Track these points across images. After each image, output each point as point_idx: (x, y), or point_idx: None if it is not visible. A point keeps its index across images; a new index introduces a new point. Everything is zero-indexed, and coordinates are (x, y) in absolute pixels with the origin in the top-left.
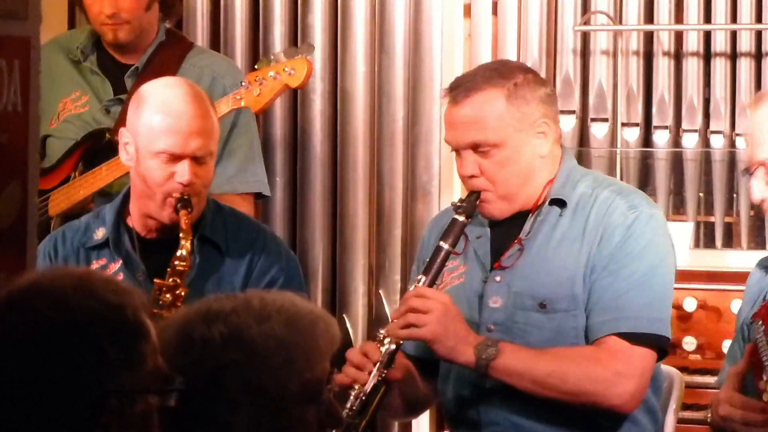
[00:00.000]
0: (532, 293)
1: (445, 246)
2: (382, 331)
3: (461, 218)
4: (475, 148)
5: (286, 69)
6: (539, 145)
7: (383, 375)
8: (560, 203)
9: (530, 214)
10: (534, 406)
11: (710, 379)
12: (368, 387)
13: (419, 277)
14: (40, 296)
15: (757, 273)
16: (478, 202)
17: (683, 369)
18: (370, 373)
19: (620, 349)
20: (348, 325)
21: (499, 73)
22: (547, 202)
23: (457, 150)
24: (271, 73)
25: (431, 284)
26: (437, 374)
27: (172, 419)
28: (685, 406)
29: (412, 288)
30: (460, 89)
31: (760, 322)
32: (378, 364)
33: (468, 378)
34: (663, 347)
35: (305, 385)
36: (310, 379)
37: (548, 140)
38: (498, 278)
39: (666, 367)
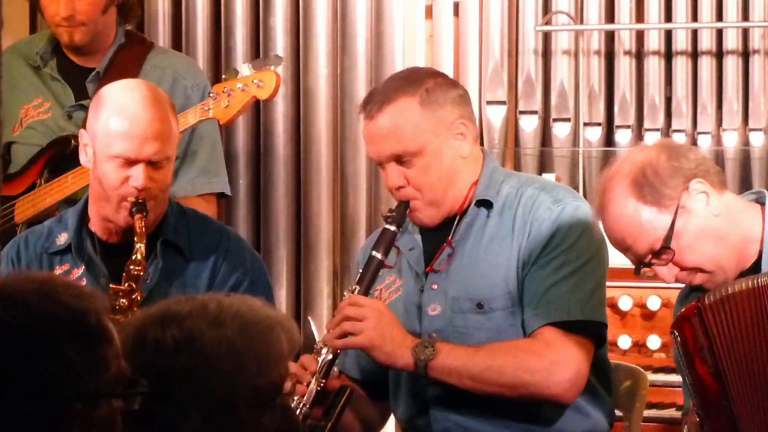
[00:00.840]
0: (468, 295)
1: (378, 255)
2: (318, 342)
3: (392, 228)
4: (398, 159)
5: (255, 81)
6: (459, 146)
7: (321, 385)
8: (486, 204)
9: (457, 219)
10: (483, 409)
11: (675, 378)
12: (307, 399)
13: (353, 287)
14: (2, 302)
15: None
16: (408, 212)
17: (648, 368)
18: (308, 384)
19: (555, 339)
20: (313, 326)
21: (409, 81)
22: (473, 204)
23: (380, 163)
24: (239, 85)
25: (366, 293)
26: (386, 395)
27: (125, 422)
28: (650, 405)
29: (349, 295)
30: (373, 103)
31: (676, 334)
32: (315, 375)
33: (416, 391)
34: (599, 334)
35: (258, 391)
36: (263, 385)
37: (468, 140)
38: (434, 286)
39: (630, 366)
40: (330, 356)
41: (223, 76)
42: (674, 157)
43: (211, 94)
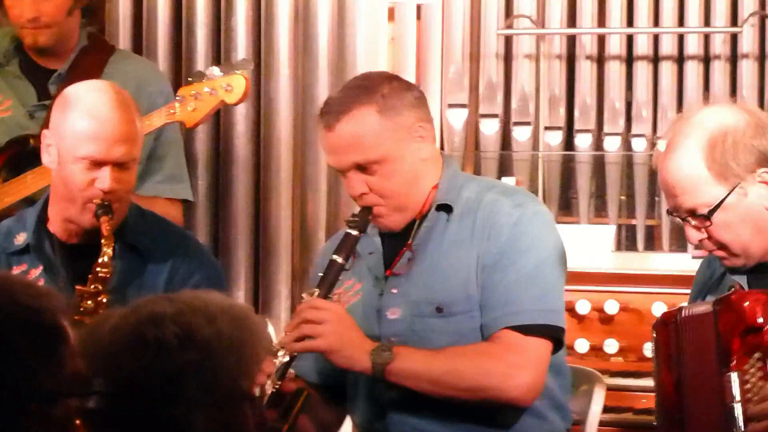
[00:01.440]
0: (428, 299)
1: (339, 259)
2: (276, 344)
3: (354, 232)
4: (359, 167)
5: (224, 85)
6: (419, 149)
7: (277, 387)
8: (447, 209)
9: (417, 223)
10: (441, 413)
11: (632, 382)
12: (263, 401)
13: (313, 290)
14: None
15: (702, 265)
16: (371, 217)
17: (605, 372)
18: (263, 386)
19: (513, 342)
20: (270, 328)
21: (365, 88)
22: (433, 208)
23: (341, 171)
24: (207, 89)
25: (325, 296)
26: (343, 399)
27: (131, 421)
28: (607, 409)
29: (307, 297)
30: (331, 114)
31: (654, 335)
32: (272, 377)
33: (374, 395)
34: (557, 338)
35: (251, 383)
36: (254, 377)
37: (427, 142)
38: (394, 290)
39: (587, 369)
40: (287, 358)
41: (189, 79)
42: (759, 134)
43: (177, 97)
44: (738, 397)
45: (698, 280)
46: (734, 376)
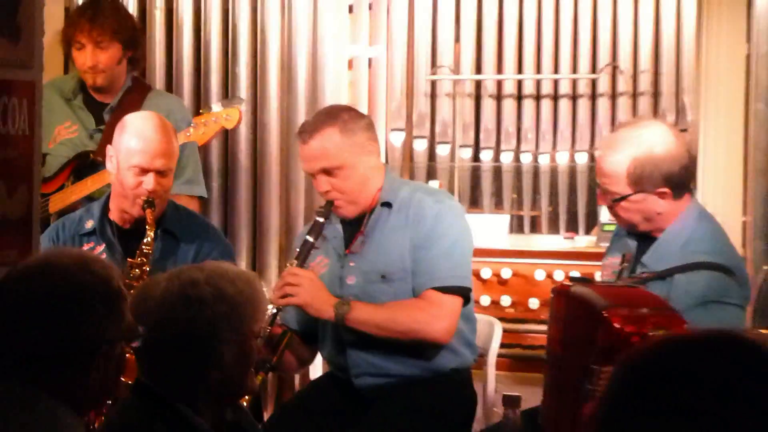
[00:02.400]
0: (375, 270)
1: (311, 239)
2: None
3: (321, 219)
4: (325, 171)
5: (224, 115)
6: (369, 160)
7: (268, 331)
8: (388, 205)
9: (367, 215)
10: (384, 349)
11: (520, 326)
12: (258, 341)
13: (292, 261)
14: (50, 269)
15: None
16: (333, 208)
17: (502, 319)
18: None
19: (435, 299)
20: (265, 289)
21: (331, 115)
22: (379, 204)
23: (312, 175)
24: (213, 118)
25: (301, 266)
26: (315, 340)
27: (181, 353)
28: (503, 345)
29: (288, 268)
30: (305, 132)
31: (552, 296)
32: (269, 318)
33: (337, 336)
34: (466, 295)
35: (259, 326)
36: (261, 322)
37: (375, 156)
38: (351, 263)
39: (489, 317)
40: (275, 310)
41: (201, 111)
42: (672, 160)
43: (192, 124)
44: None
45: (614, 233)
46: (596, 371)
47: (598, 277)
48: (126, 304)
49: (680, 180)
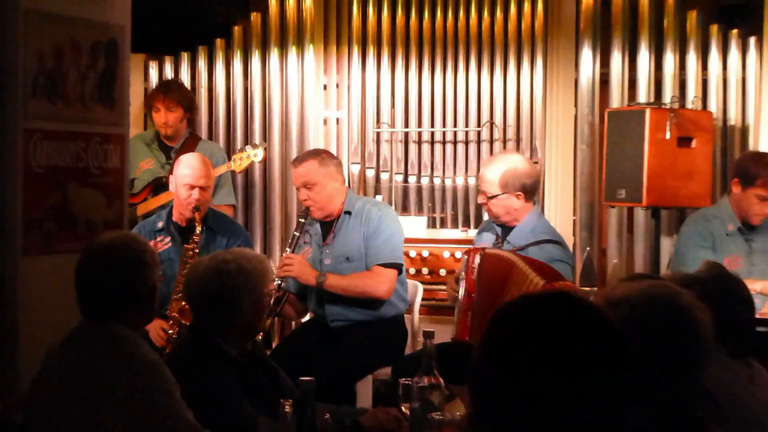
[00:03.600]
0: (342, 254)
1: (296, 233)
2: (273, 274)
3: (302, 220)
4: (305, 186)
5: (252, 153)
6: (334, 184)
7: (274, 293)
8: (349, 213)
9: (336, 220)
10: (348, 303)
11: (434, 287)
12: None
13: (286, 249)
14: (121, 243)
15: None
16: (309, 212)
17: (422, 282)
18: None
19: (379, 271)
20: (273, 267)
21: (314, 153)
22: (342, 213)
23: (298, 188)
24: (246, 155)
25: (293, 251)
26: (305, 298)
27: (216, 306)
28: (424, 299)
29: (285, 254)
30: (297, 161)
31: (466, 257)
32: (276, 287)
33: (319, 296)
34: (400, 268)
35: (268, 289)
36: (269, 286)
37: (338, 182)
38: (327, 251)
39: (414, 282)
40: (279, 280)
41: (239, 149)
42: (526, 175)
43: (231, 160)
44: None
45: (482, 226)
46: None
47: None
48: (157, 260)
49: (530, 189)
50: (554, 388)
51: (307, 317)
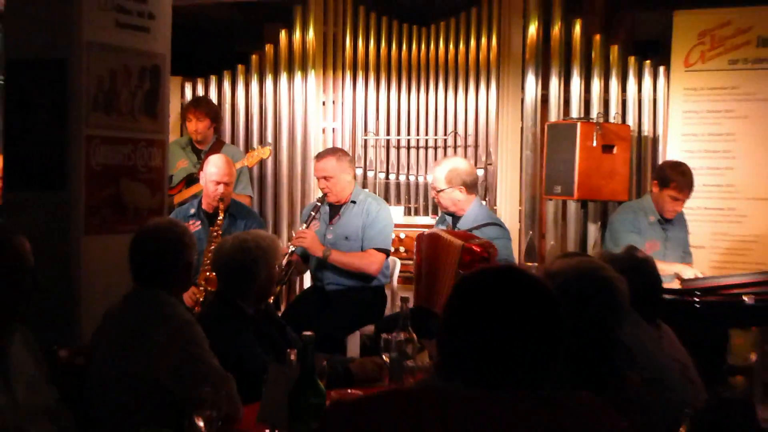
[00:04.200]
0: (343, 234)
1: (312, 213)
2: (288, 244)
3: (319, 203)
4: (325, 178)
5: (261, 150)
6: (347, 177)
7: (286, 258)
8: (354, 202)
9: (343, 205)
10: (346, 274)
11: (409, 262)
12: (284, 261)
13: (302, 225)
14: (166, 226)
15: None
16: (326, 198)
17: (400, 258)
18: (284, 256)
19: (372, 253)
20: (285, 240)
21: (333, 152)
22: (350, 201)
23: (318, 178)
24: (256, 153)
25: (307, 227)
26: (308, 261)
27: (238, 275)
28: (401, 271)
29: (299, 229)
30: (319, 156)
31: (418, 240)
32: (287, 254)
33: (318, 264)
34: (388, 252)
35: (281, 260)
36: (281, 258)
37: (350, 175)
38: (331, 228)
39: (393, 258)
40: (292, 247)
41: (252, 148)
42: (466, 173)
43: (246, 156)
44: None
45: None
46: (459, 273)
47: None
48: (195, 241)
49: (471, 184)
50: (501, 342)
51: (307, 285)
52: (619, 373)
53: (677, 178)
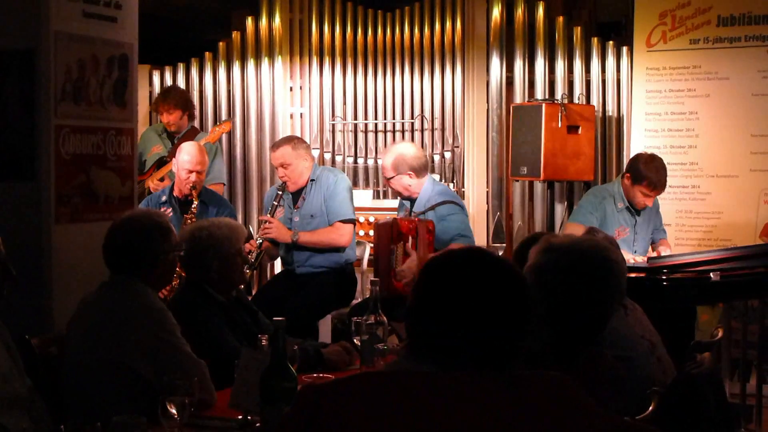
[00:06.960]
0: (308, 213)
1: (275, 202)
2: (256, 235)
3: (280, 192)
4: (282, 165)
5: (224, 126)
6: (305, 163)
7: (258, 248)
8: (312, 181)
9: (304, 188)
10: (315, 252)
11: None
12: (254, 253)
13: (266, 215)
14: (140, 217)
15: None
16: (285, 185)
17: (369, 242)
18: (255, 247)
19: (339, 225)
20: (252, 230)
21: (288, 139)
22: (309, 181)
23: (276, 167)
24: (218, 129)
25: (271, 216)
26: (278, 246)
27: (195, 261)
28: (370, 255)
29: (264, 218)
30: (274, 146)
31: (374, 230)
32: (257, 246)
33: (287, 247)
34: (354, 221)
35: (241, 249)
36: (242, 247)
37: (309, 161)
38: (296, 210)
39: (363, 241)
40: (260, 239)
41: (215, 125)
42: (413, 158)
43: (209, 131)
44: (394, 258)
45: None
46: (394, 249)
47: None
48: (174, 234)
49: (419, 168)
50: (469, 323)
51: (278, 270)
52: (594, 350)
53: (650, 175)
